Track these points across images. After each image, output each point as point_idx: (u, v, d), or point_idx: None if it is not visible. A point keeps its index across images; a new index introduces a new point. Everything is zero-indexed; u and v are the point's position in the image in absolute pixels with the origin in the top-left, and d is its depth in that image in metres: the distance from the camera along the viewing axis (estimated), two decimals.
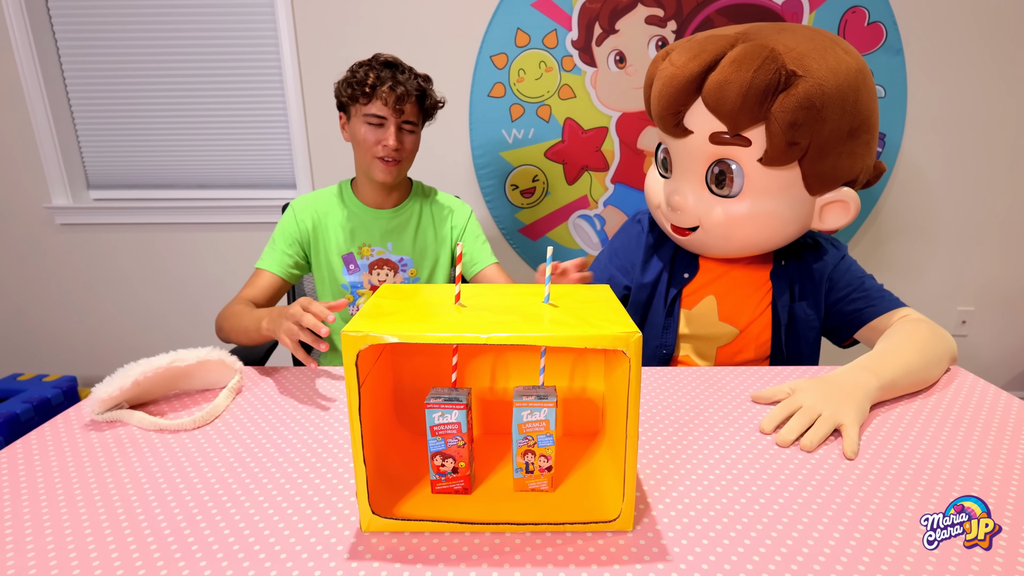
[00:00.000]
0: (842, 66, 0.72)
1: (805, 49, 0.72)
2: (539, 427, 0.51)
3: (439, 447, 0.51)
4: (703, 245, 0.88)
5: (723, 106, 0.74)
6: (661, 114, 0.81)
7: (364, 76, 0.98)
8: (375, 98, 0.98)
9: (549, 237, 1.80)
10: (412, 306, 0.52)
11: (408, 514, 0.49)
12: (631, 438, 0.46)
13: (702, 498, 0.53)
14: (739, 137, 0.76)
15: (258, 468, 0.58)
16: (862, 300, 0.87)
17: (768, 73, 0.70)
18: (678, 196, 0.84)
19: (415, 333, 0.44)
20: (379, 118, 0.99)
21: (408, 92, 0.98)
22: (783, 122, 0.71)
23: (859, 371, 0.69)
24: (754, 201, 0.80)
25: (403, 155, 1.02)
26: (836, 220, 0.82)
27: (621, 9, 1.60)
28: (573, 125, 1.69)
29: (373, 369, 0.53)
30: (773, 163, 0.76)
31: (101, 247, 1.85)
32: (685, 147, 0.82)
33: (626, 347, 0.44)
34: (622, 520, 0.48)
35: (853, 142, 0.76)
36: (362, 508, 0.48)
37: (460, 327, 0.46)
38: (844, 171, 0.78)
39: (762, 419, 0.65)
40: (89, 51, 1.71)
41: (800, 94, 0.70)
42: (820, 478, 0.55)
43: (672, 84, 0.77)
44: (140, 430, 0.65)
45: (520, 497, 0.53)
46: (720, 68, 0.73)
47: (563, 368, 0.62)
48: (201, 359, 0.70)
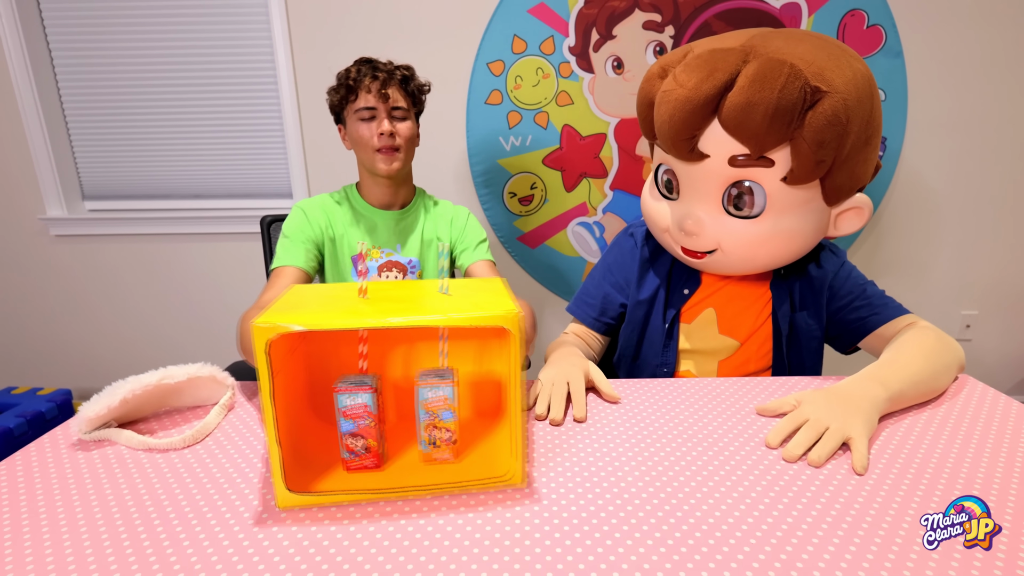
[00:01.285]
0: (858, 75, 0.71)
1: (822, 61, 0.69)
2: (440, 403, 0.57)
3: (350, 428, 0.55)
4: (722, 267, 0.85)
5: (746, 129, 0.69)
6: (674, 140, 0.75)
7: (345, 75, 1.03)
8: (360, 90, 1.02)
9: (548, 245, 1.78)
10: (320, 300, 0.56)
11: (323, 490, 0.53)
12: (517, 402, 0.53)
13: (710, 515, 0.51)
14: (763, 159, 0.72)
15: (248, 490, 0.56)
16: (865, 308, 0.85)
17: (794, 92, 0.67)
18: (692, 221, 0.80)
19: (320, 320, 0.49)
20: (369, 110, 1.02)
21: (390, 76, 1.02)
22: (812, 141, 0.68)
23: (866, 382, 0.67)
24: (776, 220, 0.77)
25: (400, 142, 1.04)
26: (850, 226, 0.80)
27: (618, 15, 1.59)
28: (571, 132, 1.68)
29: (289, 361, 0.57)
30: (799, 182, 0.73)
31: (97, 258, 1.84)
32: (699, 171, 0.77)
33: (508, 324, 0.51)
34: (513, 476, 0.54)
35: (867, 149, 0.75)
36: (277, 486, 0.51)
37: (362, 315, 0.51)
38: (859, 179, 0.77)
39: (767, 432, 0.64)
40: (84, 60, 1.70)
41: (828, 111, 0.67)
42: (830, 493, 0.53)
43: (686, 108, 0.72)
44: (128, 449, 0.63)
45: (427, 468, 0.58)
46: (739, 89, 0.68)
47: (468, 354, 0.68)
48: (192, 375, 0.68)
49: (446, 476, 0.56)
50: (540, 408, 0.70)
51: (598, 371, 0.78)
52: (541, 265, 1.81)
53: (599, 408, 0.73)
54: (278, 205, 1.80)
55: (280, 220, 1.24)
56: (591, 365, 0.79)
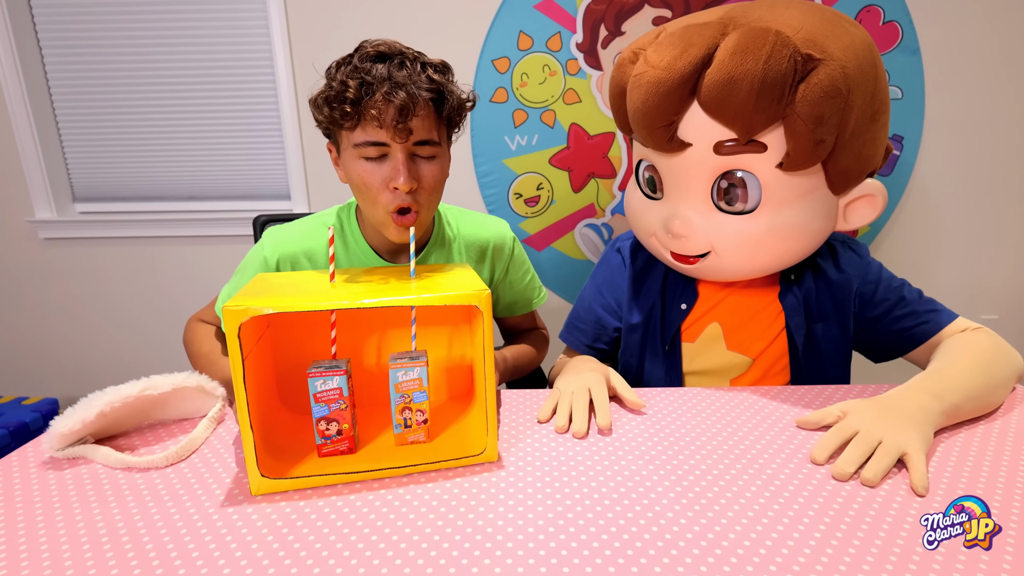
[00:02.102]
0: (857, 41, 0.63)
1: (813, 26, 0.61)
2: (413, 385, 0.57)
3: (323, 412, 0.56)
4: (717, 271, 0.75)
5: (729, 109, 0.61)
6: (650, 128, 0.67)
7: (342, 86, 0.66)
8: (364, 117, 0.66)
9: (555, 247, 1.73)
10: (289, 285, 0.57)
11: (298, 475, 0.53)
12: (489, 380, 0.55)
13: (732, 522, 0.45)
14: (753, 143, 0.64)
15: (238, 517, 0.50)
16: (908, 317, 0.77)
17: (782, 62, 0.58)
18: (679, 221, 0.71)
19: (291, 303, 0.49)
20: (377, 146, 0.68)
21: (413, 97, 0.65)
22: (808, 117, 0.60)
23: (917, 393, 0.61)
24: (775, 214, 0.68)
25: (423, 198, 0.71)
26: (863, 217, 0.71)
27: (627, 10, 1.54)
28: (579, 131, 1.63)
29: (256, 349, 0.56)
30: (797, 167, 0.65)
31: (87, 262, 1.78)
32: (682, 163, 0.69)
33: (477, 302, 0.52)
34: (487, 453, 0.56)
35: (875, 127, 0.67)
36: (251, 472, 0.51)
37: (336, 298, 0.51)
38: (868, 161, 0.68)
39: (812, 447, 0.58)
40: (76, 58, 1.65)
41: (824, 81, 0.59)
42: (876, 508, 0.48)
43: (659, 90, 0.63)
44: (105, 468, 0.57)
45: (401, 450, 0.59)
46: (718, 63, 0.60)
47: (438, 339, 0.69)
48: (177, 386, 0.62)
49: (420, 456, 0.57)
50: (560, 419, 0.64)
51: (620, 378, 0.72)
52: (547, 268, 1.75)
53: (620, 417, 0.67)
54: (275, 207, 1.75)
55: (275, 222, 1.18)
56: (612, 372, 0.73)
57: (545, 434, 0.63)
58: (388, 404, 0.59)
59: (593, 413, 0.66)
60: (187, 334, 0.86)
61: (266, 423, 0.58)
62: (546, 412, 0.67)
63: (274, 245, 0.81)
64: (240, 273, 0.84)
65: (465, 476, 0.55)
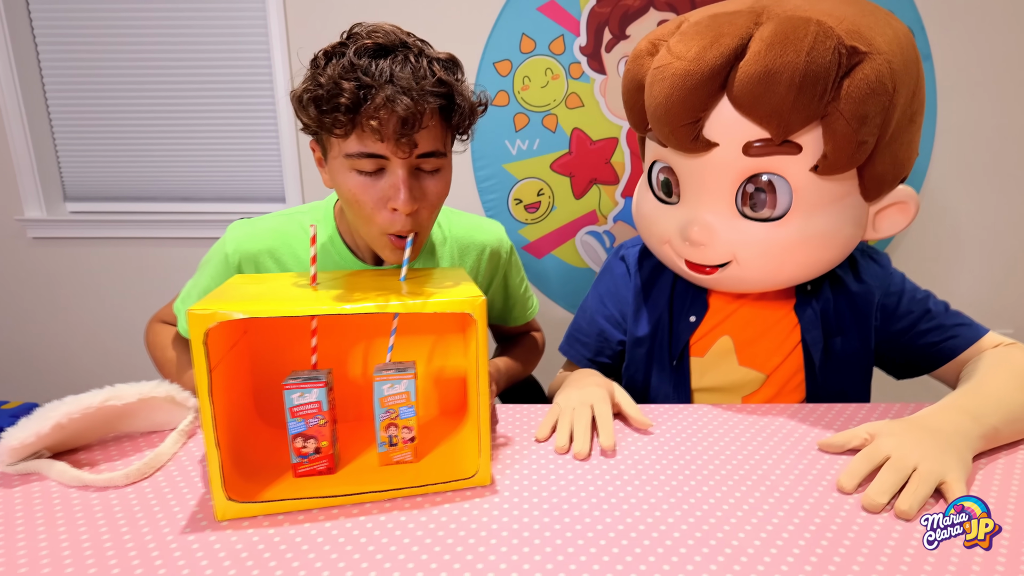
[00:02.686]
0: (900, 34, 0.58)
1: (855, 17, 0.56)
2: (400, 399, 0.53)
3: (299, 428, 0.51)
4: (737, 282, 0.69)
5: (765, 106, 0.55)
6: (673, 125, 0.60)
7: (335, 87, 0.54)
8: (359, 126, 0.56)
9: (555, 255, 1.68)
10: (267, 289, 0.52)
11: (268, 498, 0.48)
12: (483, 396, 0.50)
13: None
14: (787, 144, 0.58)
15: (199, 545, 0.44)
16: (935, 331, 0.72)
17: (826, 54, 0.53)
18: (698, 228, 0.65)
19: (264, 308, 0.45)
20: (374, 159, 0.58)
21: (420, 105, 0.55)
22: (852, 116, 0.55)
23: (953, 413, 0.56)
24: (805, 221, 0.62)
25: (425, 218, 0.63)
26: (893, 226, 0.67)
27: (632, 14, 1.51)
28: (581, 136, 1.58)
29: (231, 357, 0.52)
30: (834, 171, 0.59)
31: (77, 263, 1.73)
32: (705, 165, 0.63)
33: (472, 309, 0.47)
34: (480, 476, 0.51)
35: (912, 128, 0.62)
36: (216, 495, 0.46)
37: (315, 303, 0.47)
38: (903, 165, 0.63)
39: (839, 474, 0.52)
40: (72, 57, 1.61)
41: (871, 77, 0.54)
42: (914, 545, 0.42)
43: (686, 84, 0.57)
44: (59, 486, 0.52)
45: (385, 470, 0.54)
46: (754, 55, 0.55)
47: (431, 348, 0.63)
48: (144, 396, 0.57)
49: (405, 478, 0.52)
50: (561, 439, 0.59)
51: (625, 394, 0.67)
52: (548, 276, 1.70)
53: (625, 437, 0.62)
54: (270, 210, 1.70)
55: None
56: (617, 387, 0.68)
57: (543, 454, 0.58)
58: (372, 415, 0.54)
59: (596, 432, 0.61)
60: (149, 336, 0.80)
61: (239, 439, 0.53)
62: (545, 430, 0.61)
63: (236, 241, 0.73)
64: (201, 270, 0.77)
65: (454, 502, 0.50)
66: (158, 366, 0.77)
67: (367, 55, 0.57)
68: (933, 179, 1.59)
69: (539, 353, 0.96)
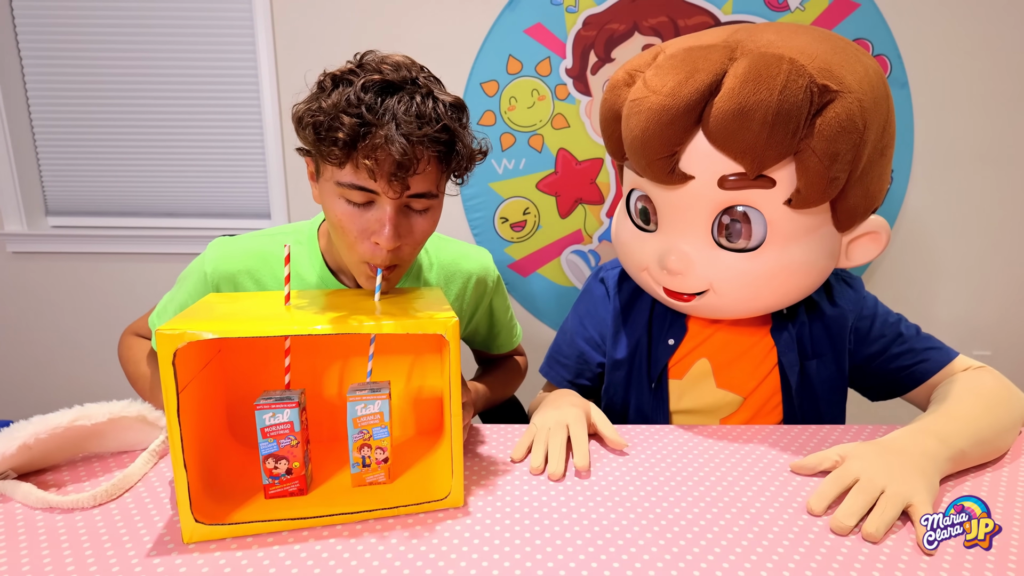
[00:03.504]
0: (871, 72, 0.60)
1: (827, 55, 0.57)
2: (373, 420, 0.53)
3: (271, 449, 0.51)
4: (714, 310, 0.70)
5: (739, 141, 0.57)
6: (649, 158, 0.61)
7: (334, 119, 0.54)
8: (354, 161, 0.55)
9: (541, 273, 1.69)
10: (238, 307, 0.52)
11: (238, 521, 0.48)
12: (456, 418, 0.50)
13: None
14: (761, 178, 0.59)
15: (164, 569, 0.44)
16: (907, 355, 0.73)
17: (798, 92, 0.54)
18: (675, 257, 0.66)
19: (236, 327, 0.45)
20: (364, 192, 0.58)
21: (416, 150, 0.54)
22: (823, 153, 0.56)
23: (923, 436, 0.56)
24: (780, 252, 0.63)
25: (407, 253, 0.63)
26: (865, 254, 0.68)
27: (617, 37, 1.54)
28: (567, 156, 1.61)
29: (203, 376, 0.52)
30: (807, 205, 0.60)
31: (59, 278, 1.71)
32: (681, 196, 0.64)
33: (444, 331, 0.48)
34: (452, 497, 0.51)
35: (882, 161, 0.64)
36: (184, 517, 0.46)
37: (287, 323, 0.47)
38: (874, 198, 0.65)
39: (808, 495, 0.53)
40: (57, 70, 1.61)
41: (841, 116, 0.55)
42: (880, 569, 0.43)
43: (662, 118, 0.58)
44: (24, 508, 0.51)
45: (357, 492, 0.54)
46: (729, 92, 0.56)
47: (407, 367, 0.64)
48: (114, 416, 0.57)
49: (377, 500, 0.52)
50: (536, 459, 0.59)
51: (601, 414, 0.67)
52: (533, 295, 1.71)
53: (600, 458, 0.62)
54: (256, 226, 1.70)
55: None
56: (593, 407, 0.68)
57: (518, 475, 0.58)
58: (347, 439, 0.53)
59: (571, 452, 0.61)
60: (122, 349, 0.79)
61: (210, 459, 0.53)
62: (520, 450, 0.61)
63: (215, 259, 0.73)
64: (179, 285, 0.76)
65: (426, 524, 0.50)
66: (131, 380, 0.76)
67: (373, 90, 0.55)
68: (911, 204, 1.62)
69: (521, 375, 0.96)
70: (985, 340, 1.73)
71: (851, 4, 1.50)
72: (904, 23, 1.50)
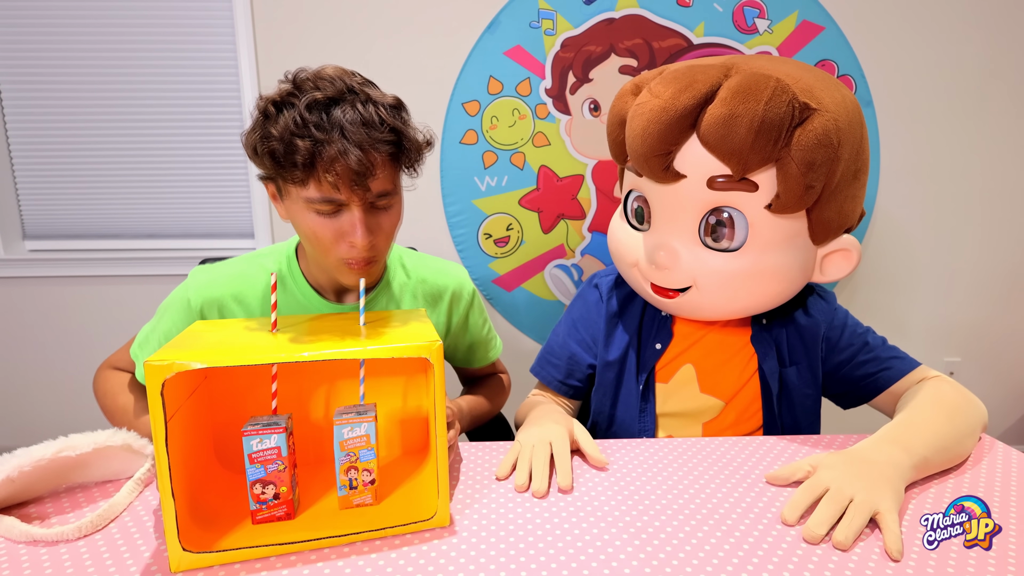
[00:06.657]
0: (847, 100, 0.67)
1: (809, 80, 0.64)
2: (360, 442, 0.53)
3: (258, 474, 0.51)
4: (695, 308, 0.75)
5: (728, 144, 0.63)
6: (647, 155, 0.68)
7: (288, 146, 0.58)
8: (314, 180, 0.60)
9: (525, 288, 1.71)
10: (224, 335, 0.52)
11: (225, 547, 0.48)
12: (440, 438, 0.51)
13: None
14: (745, 181, 0.66)
15: None
16: (872, 363, 0.77)
17: (781, 106, 0.61)
18: (664, 252, 0.71)
19: (223, 356, 0.45)
20: (331, 203, 0.62)
21: (369, 155, 0.59)
22: (801, 162, 0.62)
23: (886, 445, 0.59)
24: (759, 255, 0.69)
25: (381, 245, 0.68)
26: (838, 271, 0.73)
27: (595, 59, 1.58)
28: (548, 173, 1.64)
29: (191, 402, 0.53)
30: (785, 210, 0.66)
31: (37, 303, 1.68)
32: (674, 194, 0.70)
33: (428, 354, 0.49)
34: (439, 517, 0.52)
35: (856, 184, 0.70)
36: (171, 546, 0.46)
37: (274, 351, 0.47)
38: (847, 217, 0.71)
39: (783, 506, 0.55)
40: (33, 92, 1.60)
41: (818, 129, 0.62)
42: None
43: (662, 119, 0.65)
44: (7, 542, 0.51)
45: (344, 514, 0.54)
46: (721, 101, 0.63)
47: (393, 389, 0.65)
48: (99, 445, 0.57)
49: (364, 522, 0.52)
50: (520, 477, 0.60)
51: (584, 431, 0.69)
52: (517, 309, 1.73)
53: (582, 474, 0.63)
54: (239, 246, 1.69)
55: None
56: (576, 424, 0.70)
57: (503, 493, 0.59)
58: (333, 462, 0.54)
59: (554, 470, 0.62)
60: (99, 384, 0.77)
61: (197, 485, 0.53)
62: (505, 468, 0.63)
63: (199, 287, 0.73)
64: (160, 315, 0.76)
65: (413, 544, 0.51)
66: (108, 414, 0.75)
67: (317, 108, 0.59)
68: (878, 217, 1.68)
69: (505, 393, 0.97)
70: (955, 347, 1.79)
71: (816, 27, 1.56)
72: (867, 45, 1.57)
